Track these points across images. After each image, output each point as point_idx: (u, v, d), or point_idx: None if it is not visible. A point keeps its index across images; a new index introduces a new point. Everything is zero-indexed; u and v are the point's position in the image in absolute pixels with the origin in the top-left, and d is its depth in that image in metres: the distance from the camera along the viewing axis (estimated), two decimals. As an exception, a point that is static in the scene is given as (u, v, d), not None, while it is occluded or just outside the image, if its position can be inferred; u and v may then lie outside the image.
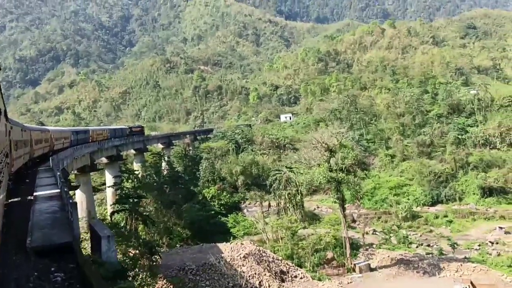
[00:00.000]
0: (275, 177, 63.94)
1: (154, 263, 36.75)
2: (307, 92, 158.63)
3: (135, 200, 46.87)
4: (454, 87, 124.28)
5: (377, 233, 68.68)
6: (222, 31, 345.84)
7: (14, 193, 21.49)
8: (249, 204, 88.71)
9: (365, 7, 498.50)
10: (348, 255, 49.28)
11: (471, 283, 42.34)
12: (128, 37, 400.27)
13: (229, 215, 70.37)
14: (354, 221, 74.17)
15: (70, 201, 12.06)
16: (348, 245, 48.89)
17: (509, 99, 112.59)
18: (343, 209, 49.34)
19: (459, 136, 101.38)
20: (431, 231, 69.72)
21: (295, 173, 62.94)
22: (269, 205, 65.87)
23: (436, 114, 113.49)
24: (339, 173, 45.51)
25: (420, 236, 67.50)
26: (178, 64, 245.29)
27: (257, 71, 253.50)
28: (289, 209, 58.77)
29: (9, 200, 20.64)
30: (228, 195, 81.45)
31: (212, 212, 72.05)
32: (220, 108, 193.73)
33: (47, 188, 21.18)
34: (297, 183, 60.04)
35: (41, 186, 22.69)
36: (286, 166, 70.36)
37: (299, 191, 60.45)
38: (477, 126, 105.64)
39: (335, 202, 49.68)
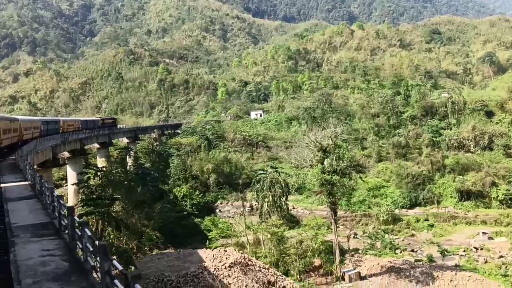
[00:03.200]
0: (258, 177, 59.58)
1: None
2: (279, 89, 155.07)
3: (107, 201, 41.42)
4: (428, 90, 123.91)
5: (358, 236, 65.62)
6: (188, 25, 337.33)
7: None
8: (221, 203, 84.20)
9: (332, 9, 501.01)
10: (337, 263, 45.65)
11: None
12: (89, 27, 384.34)
13: (206, 217, 65.49)
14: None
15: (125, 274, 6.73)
16: (338, 252, 45.28)
17: (481, 103, 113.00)
18: (335, 214, 45.64)
19: (434, 139, 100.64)
20: (413, 235, 67.33)
21: (280, 174, 58.85)
22: (251, 207, 61.45)
23: (410, 115, 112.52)
24: (333, 176, 41.66)
25: (403, 240, 64.86)
26: (142, 56, 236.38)
27: (225, 66, 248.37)
28: (273, 212, 54.66)
29: None
30: (201, 194, 76.51)
31: (184, 212, 66.96)
32: (187, 103, 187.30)
33: (26, 209, 14.90)
34: (283, 185, 56.04)
35: (14, 201, 16.46)
36: (271, 166, 66.06)
37: (284, 193, 56.45)
38: (451, 129, 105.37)
39: (327, 205, 45.86)
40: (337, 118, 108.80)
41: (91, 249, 8.31)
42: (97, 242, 7.90)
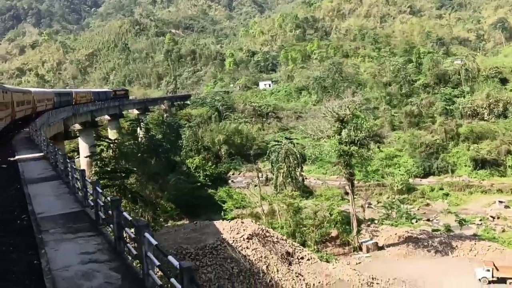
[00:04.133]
0: (273, 148, 58.87)
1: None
2: (288, 59, 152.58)
3: (123, 174, 40.97)
4: (440, 57, 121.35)
5: (372, 206, 65.23)
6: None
7: None
8: (233, 174, 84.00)
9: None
10: (354, 233, 45.32)
11: (494, 265, 38.99)
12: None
13: (219, 187, 65.24)
14: (346, 193, 70.38)
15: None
16: (355, 223, 44.89)
17: (496, 70, 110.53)
18: (352, 185, 45.02)
19: (447, 107, 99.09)
20: (427, 204, 66.83)
21: (294, 145, 58.06)
22: (267, 177, 60.67)
23: (423, 84, 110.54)
24: (351, 146, 40.82)
25: (418, 210, 64.44)
26: (148, 26, 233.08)
27: (232, 36, 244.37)
28: (288, 183, 54.15)
29: None
30: (213, 165, 76.17)
31: (198, 184, 66.71)
32: (194, 74, 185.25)
33: (50, 193, 12.78)
34: (298, 156, 55.35)
35: (35, 183, 14.29)
36: (285, 137, 65.25)
37: (299, 164, 55.81)
38: (464, 96, 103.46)
39: (344, 176, 45.09)
40: (348, 87, 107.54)
41: (157, 262, 6.41)
42: (174, 261, 5.69)
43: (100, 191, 9.96)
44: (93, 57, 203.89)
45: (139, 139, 77.24)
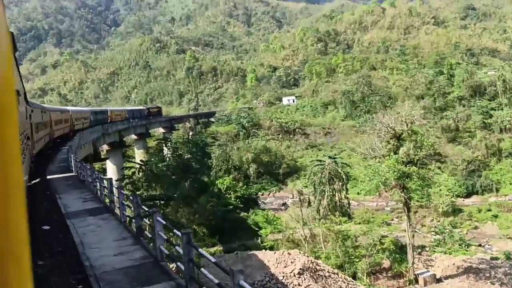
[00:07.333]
0: (315, 169, 55.10)
1: None
2: (312, 73, 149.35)
3: (162, 202, 37.79)
4: (475, 68, 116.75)
5: (417, 230, 60.66)
6: (211, 11, 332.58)
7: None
8: (262, 195, 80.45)
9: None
10: (410, 264, 41.11)
11: None
12: (112, 17, 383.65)
13: (250, 209, 61.63)
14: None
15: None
16: (411, 252, 40.70)
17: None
18: (408, 209, 40.99)
19: (484, 121, 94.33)
20: (476, 227, 62.10)
21: (338, 165, 54.17)
22: (309, 202, 56.65)
23: (457, 96, 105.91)
24: (411, 167, 37.01)
25: (466, 233, 59.76)
26: (168, 44, 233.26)
27: (252, 51, 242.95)
28: (333, 208, 50.23)
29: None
30: (244, 186, 72.72)
31: (230, 206, 63.20)
32: (216, 90, 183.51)
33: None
34: (344, 177, 51.49)
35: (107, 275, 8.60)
36: (329, 156, 61.46)
37: (344, 186, 51.93)
38: (502, 109, 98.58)
39: (399, 201, 41.14)
40: (380, 101, 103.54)
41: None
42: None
43: None
44: (114, 75, 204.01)
45: (167, 159, 74.40)
